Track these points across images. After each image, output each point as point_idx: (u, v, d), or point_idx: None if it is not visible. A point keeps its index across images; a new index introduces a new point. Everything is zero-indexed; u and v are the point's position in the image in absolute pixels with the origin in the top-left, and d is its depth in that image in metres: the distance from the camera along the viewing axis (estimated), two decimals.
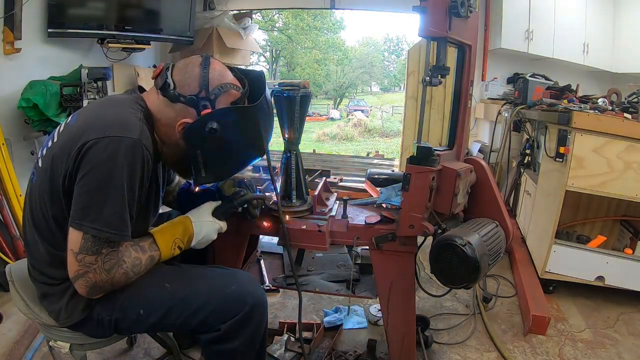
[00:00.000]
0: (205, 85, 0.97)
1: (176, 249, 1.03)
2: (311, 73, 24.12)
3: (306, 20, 23.37)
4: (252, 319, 1.02)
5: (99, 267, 0.88)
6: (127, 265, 0.93)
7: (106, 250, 0.89)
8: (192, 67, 0.99)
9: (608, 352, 1.72)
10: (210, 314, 0.99)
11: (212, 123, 0.95)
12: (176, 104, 0.97)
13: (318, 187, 1.41)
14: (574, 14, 3.56)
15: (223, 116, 0.96)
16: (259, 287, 1.09)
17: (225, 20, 3.52)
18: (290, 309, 1.95)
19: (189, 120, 0.97)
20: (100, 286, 0.91)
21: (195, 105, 0.97)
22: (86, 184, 0.86)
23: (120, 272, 0.91)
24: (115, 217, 0.87)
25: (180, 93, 0.97)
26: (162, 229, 1.03)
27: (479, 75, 3.72)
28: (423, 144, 1.18)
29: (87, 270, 0.88)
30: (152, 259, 0.98)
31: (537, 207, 2.35)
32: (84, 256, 0.87)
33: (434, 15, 1.11)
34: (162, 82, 0.98)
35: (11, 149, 2.16)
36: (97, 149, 0.85)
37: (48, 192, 0.92)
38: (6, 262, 1.90)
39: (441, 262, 1.10)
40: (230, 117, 0.97)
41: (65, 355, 1.09)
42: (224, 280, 1.04)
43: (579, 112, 1.88)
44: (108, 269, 0.90)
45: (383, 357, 1.60)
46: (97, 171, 0.85)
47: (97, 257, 0.88)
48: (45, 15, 2.51)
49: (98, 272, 0.88)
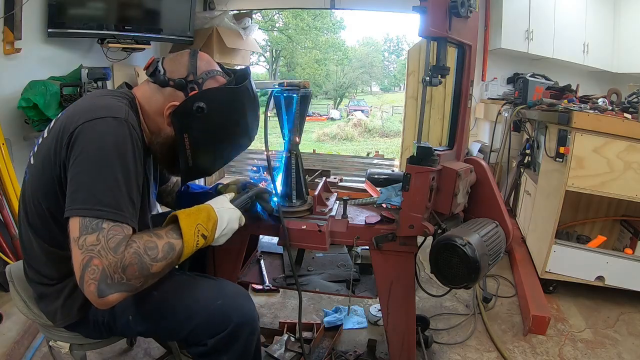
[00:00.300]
0: (194, 70, 1.00)
1: (200, 237, 0.93)
2: (311, 73, 24.12)
3: (306, 20, 23.37)
4: (239, 336, 0.98)
5: (103, 247, 0.78)
6: (137, 244, 0.83)
7: (107, 225, 0.80)
8: (181, 56, 1.03)
9: (608, 352, 1.72)
10: (196, 327, 0.97)
11: (199, 102, 0.96)
12: (165, 88, 0.99)
13: (318, 187, 1.41)
14: (574, 14, 3.56)
15: (209, 96, 0.98)
16: (248, 302, 1.03)
17: (225, 20, 3.52)
18: (290, 309, 1.95)
19: (177, 102, 0.98)
20: (110, 274, 0.78)
21: (183, 89, 0.99)
22: (77, 167, 0.84)
23: (130, 252, 0.81)
24: (108, 195, 0.82)
25: (169, 77, 0.99)
26: (184, 212, 0.94)
27: (479, 75, 3.72)
28: (423, 144, 1.18)
29: (91, 255, 0.78)
30: (172, 247, 0.88)
31: (537, 207, 2.35)
32: (84, 238, 0.79)
33: (434, 15, 1.11)
34: (152, 69, 1.00)
35: (11, 149, 2.16)
36: (85, 131, 0.85)
37: (42, 187, 0.91)
38: (6, 262, 1.90)
39: (441, 262, 1.10)
40: (217, 97, 0.99)
41: (65, 355, 1.09)
42: (211, 293, 1.00)
43: (579, 112, 1.88)
44: (115, 247, 0.79)
45: (383, 357, 1.60)
46: (86, 152, 0.84)
47: (98, 235, 0.79)
48: (45, 15, 2.50)
49: (103, 253, 0.78)
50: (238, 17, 3.78)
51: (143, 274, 0.83)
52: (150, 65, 1.01)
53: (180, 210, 0.95)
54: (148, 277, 0.84)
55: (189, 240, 0.91)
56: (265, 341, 1.63)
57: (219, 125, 1.01)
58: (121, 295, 0.80)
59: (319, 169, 3.59)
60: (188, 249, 0.91)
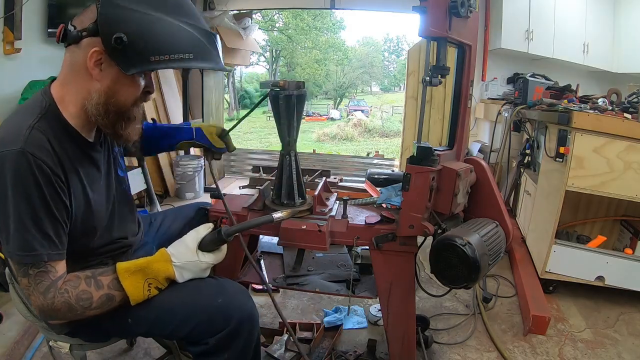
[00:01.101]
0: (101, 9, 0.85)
1: (153, 289, 0.93)
2: (311, 73, 24.13)
3: (306, 20, 23.37)
4: (240, 334, 0.98)
5: (34, 290, 0.84)
6: (69, 295, 0.85)
7: (33, 271, 0.83)
8: (87, 8, 0.91)
9: (608, 352, 1.72)
10: (197, 326, 0.97)
11: (115, 26, 0.82)
12: (81, 42, 0.87)
13: (318, 187, 1.41)
14: (574, 14, 3.57)
15: (119, 14, 0.83)
16: (248, 299, 1.03)
17: (225, 20, 3.52)
18: (290, 309, 1.95)
19: (97, 47, 0.85)
20: (46, 312, 0.85)
21: (98, 32, 0.84)
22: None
23: (61, 300, 0.85)
24: (16, 238, 0.81)
25: (81, 29, 0.87)
26: (131, 266, 0.92)
27: (479, 75, 3.73)
28: (423, 144, 1.18)
29: (28, 292, 0.85)
30: (111, 299, 0.89)
31: (537, 207, 2.35)
32: (20, 279, 0.85)
33: (434, 15, 1.11)
34: (62, 33, 0.89)
35: None
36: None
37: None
38: None
39: (441, 262, 1.10)
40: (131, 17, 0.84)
41: (65, 355, 1.09)
42: (211, 291, 1.00)
43: (579, 112, 1.88)
44: (43, 292, 0.84)
45: (383, 357, 1.60)
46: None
47: (28, 280, 0.84)
48: (45, 15, 2.51)
49: (35, 295, 0.84)
50: (238, 17, 3.79)
51: (76, 316, 0.88)
52: (60, 32, 0.90)
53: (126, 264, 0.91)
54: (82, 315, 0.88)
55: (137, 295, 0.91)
56: (265, 341, 1.63)
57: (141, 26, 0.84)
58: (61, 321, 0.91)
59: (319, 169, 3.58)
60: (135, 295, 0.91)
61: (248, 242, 1.44)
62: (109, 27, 0.83)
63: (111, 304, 0.90)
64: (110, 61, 0.86)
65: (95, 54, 0.86)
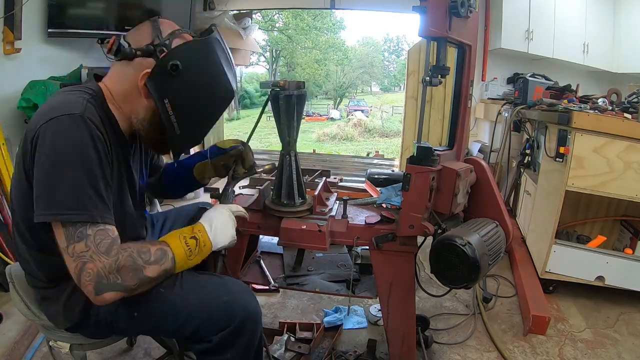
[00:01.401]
0: (158, 33, 0.96)
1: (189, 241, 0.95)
2: (311, 73, 24.14)
3: (306, 20, 23.38)
4: (243, 332, 0.99)
5: (94, 252, 0.81)
6: (131, 249, 0.85)
7: (92, 231, 0.82)
8: (142, 26, 0.99)
9: (608, 352, 1.72)
10: (201, 324, 0.97)
11: (172, 60, 0.91)
12: (134, 60, 0.94)
13: (318, 187, 1.41)
14: (574, 14, 3.56)
15: (181, 52, 0.93)
16: (252, 298, 1.05)
17: (225, 20, 3.52)
18: (290, 309, 1.95)
19: (149, 69, 0.92)
20: (105, 275, 0.81)
21: (152, 54, 0.93)
22: (38, 171, 0.83)
23: (124, 255, 0.83)
24: (70, 197, 0.81)
25: (135, 48, 0.94)
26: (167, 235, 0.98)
27: (479, 75, 3.72)
28: (423, 144, 1.18)
29: (84, 260, 0.80)
30: (165, 253, 0.90)
31: (537, 207, 2.35)
32: (73, 246, 0.81)
33: (434, 15, 1.11)
34: (115, 47, 0.94)
35: (11, 149, 2.16)
36: (43, 134, 0.83)
37: (20, 195, 0.91)
38: (6, 262, 1.90)
39: (441, 262, 1.10)
40: (189, 51, 0.94)
41: (65, 355, 1.09)
42: (216, 289, 1.02)
43: (579, 112, 1.88)
44: (105, 251, 0.82)
45: (383, 357, 1.60)
46: (45, 154, 0.82)
47: (86, 242, 0.81)
48: (45, 15, 2.51)
49: (95, 257, 0.81)
50: (238, 17, 3.78)
51: (137, 276, 0.85)
52: (113, 44, 0.95)
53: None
54: (143, 280, 0.86)
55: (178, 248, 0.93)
56: (265, 341, 1.63)
57: (197, 81, 0.96)
58: (117, 294, 0.83)
59: (319, 169, 3.57)
60: (179, 254, 0.92)
61: (248, 242, 1.44)
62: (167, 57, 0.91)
63: (165, 260, 0.90)
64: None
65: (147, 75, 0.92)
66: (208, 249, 0.99)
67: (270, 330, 1.70)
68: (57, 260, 0.85)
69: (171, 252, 0.91)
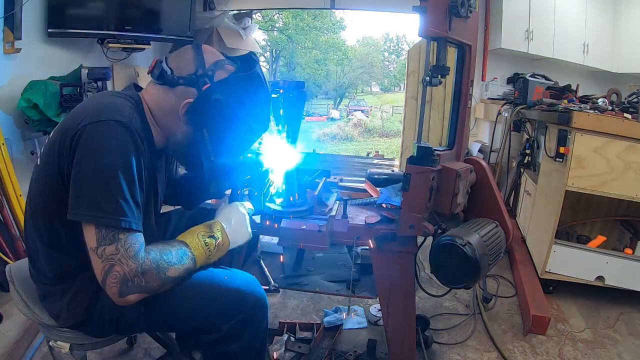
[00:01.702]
0: (202, 64, 0.98)
1: (207, 239, 0.99)
2: (311, 73, 24.11)
3: (306, 20, 23.35)
4: (253, 319, 1.01)
5: (123, 256, 0.84)
6: (155, 252, 0.89)
7: (124, 236, 0.84)
8: (185, 52, 1.02)
9: (608, 352, 1.72)
10: (211, 313, 0.99)
11: (215, 95, 0.96)
12: (176, 87, 0.98)
13: (318, 187, 1.41)
14: (574, 14, 3.56)
15: (224, 86, 0.97)
16: (260, 287, 1.08)
17: (225, 20, 3.52)
18: (290, 309, 1.95)
19: (192, 99, 0.97)
20: (131, 278, 0.84)
21: (194, 84, 0.97)
22: (80, 171, 0.84)
23: (150, 259, 0.87)
24: (112, 202, 0.83)
25: (178, 76, 0.98)
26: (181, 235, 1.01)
27: (479, 75, 3.72)
28: (423, 144, 1.18)
29: (112, 262, 0.83)
30: (185, 253, 0.95)
31: (537, 207, 2.35)
32: (103, 248, 0.83)
33: (434, 15, 1.11)
34: (158, 71, 0.99)
35: (11, 149, 2.16)
36: (88, 134, 0.84)
37: (47, 189, 0.91)
38: (6, 262, 1.90)
39: (441, 262, 1.10)
40: (231, 86, 0.98)
41: (65, 355, 1.09)
42: (224, 279, 1.04)
43: (579, 112, 1.88)
44: (134, 255, 0.85)
45: (383, 357, 1.60)
46: (89, 156, 0.84)
47: (117, 245, 0.83)
48: (45, 15, 2.50)
49: (123, 261, 0.83)
50: (238, 17, 3.78)
51: (160, 278, 0.89)
52: (155, 67, 1.00)
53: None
54: (165, 280, 0.90)
55: (196, 246, 0.97)
56: None
57: (236, 115, 1.00)
58: (140, 295, 0.87)
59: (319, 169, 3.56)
60: (199, 255, 0.97)
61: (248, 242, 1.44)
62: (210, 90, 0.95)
63: (186, 259, 0.94)
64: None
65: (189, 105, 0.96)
66: (226, 247, 1.04)
67: (270, 330, 1.70)
68: (65, 259, 0.88)
69: (191, 252, 0.96)
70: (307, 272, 1.54)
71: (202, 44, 1.03)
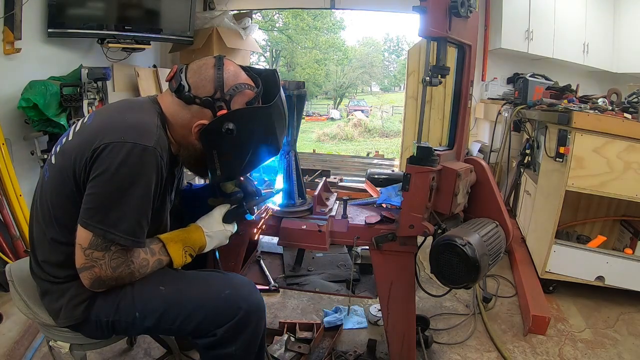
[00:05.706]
0: (220, 86, 0.97)
1: (187, 256, 1.04)
2: (311, 73, 24.09)
3: (306, 20, 23.34)
4: (248, 324, 1.00)
5: (106, 264, 0.90)
6: (134, 266, 0.94)
7: (115, 248, 0.90)
8: (206, 68, 0.99)
9: (608, 352, 1.72)
10: (205, 318, 0.98)
11: (228, 124, 0.96)
12: (192, 105, 0.98)
13: (318, 187, 1.41)
14: (574, 14, 3.56)
15: (239, 117, 0.98)
16: (255, 292, 1.06)
17: (225, 20, 3.52)
18: (290, 309, 1.95)
19: (205, 121, 0.98)
20: (104, 281, 0.92)
21: (210, 107, 0.98)
22: (98, 186, 0.87)
23: (127, 272, 0.93)
24: (124, 221, 0.88)
25: (195, 95, 0.97)
26: (173, 237, 1.03)
27: (479, 75, 3.73)
28: (423, 144, 1.18)
29: (94, 264, 0.89)
30: (160, 263, 1.00)
31: (537, 207, 2.35)
32: (92, 252, 0.88)
33: (434, 15, 1.11)
34: (176, 84, 0.98)
35: (11, 149, 2.16)
36: (112, 152, 0.86)
37: (59, 189, 0.93)
38: (6, 262, 1.90)
39: (441, 262, 1.10)
40: (246, 118, 0.99)
41: (65, 355, 1.09)
42: (218, 284, 1.03)
43: (579, 112, 1.88)
44: (115, 267, 0.91)
45: (383, 357, 1.60)
46: (110, 174, 0.86)
47: (105, 254, 0.89)
48: (45, 15, 2.51)
49: (104, 268, 0.90)
50: (238, 17, 3.78)
51: (130, 280, 0.96)
52: (174, 77, 1.00)
53: (168, 235, 1.04)
54: (134, 280, 0.97)
55: (178, 260, 1.02)
56: None
57: (248, 144, 1.03)
58: (109, 287, 0.95)
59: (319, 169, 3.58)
60: (177, 265, 1.03)
61: (248, 242, 1.44)
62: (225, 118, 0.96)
63: (159, 266, 1.00)
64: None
65: (201, 125, 0.98)
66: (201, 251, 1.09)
67: (270, 330, 1.70)
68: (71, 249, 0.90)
69: (169, 260, 1.01)
70: (307, 272, 1.54)
71: (225, 59, 1.02)
